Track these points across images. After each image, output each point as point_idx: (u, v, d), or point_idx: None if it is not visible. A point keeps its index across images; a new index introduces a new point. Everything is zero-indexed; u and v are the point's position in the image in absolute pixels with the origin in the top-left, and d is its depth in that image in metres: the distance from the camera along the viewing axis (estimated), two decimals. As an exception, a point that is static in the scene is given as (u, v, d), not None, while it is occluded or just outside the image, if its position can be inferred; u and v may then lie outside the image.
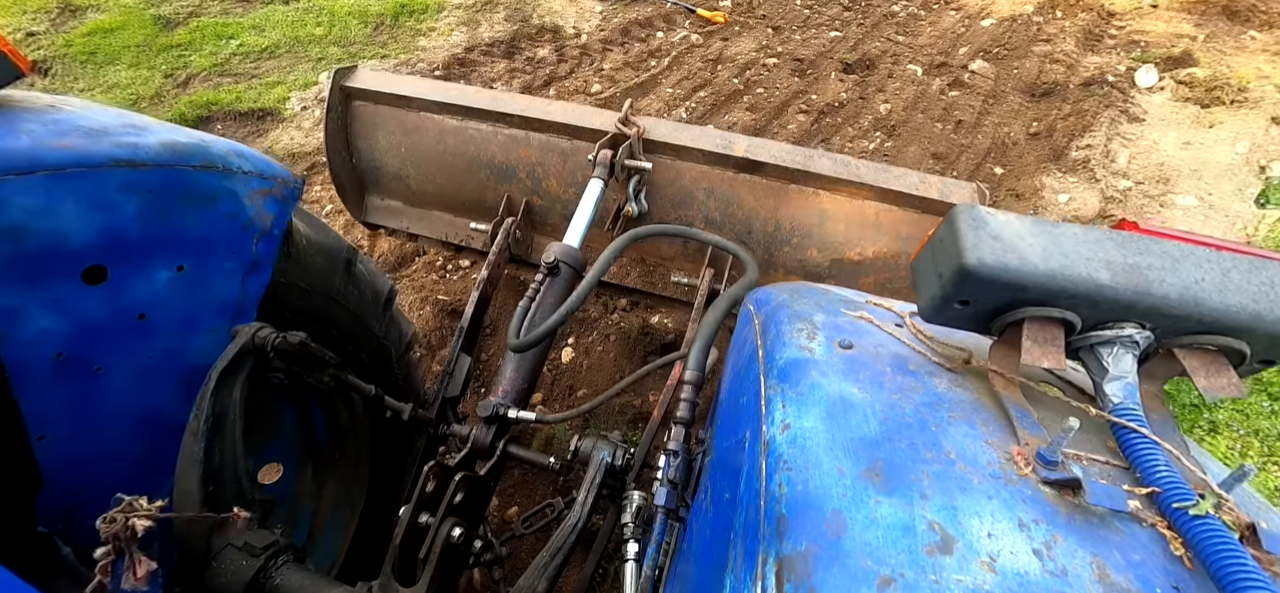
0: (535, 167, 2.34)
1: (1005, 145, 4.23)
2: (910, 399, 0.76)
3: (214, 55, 5.02)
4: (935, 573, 0.56)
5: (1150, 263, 0.71)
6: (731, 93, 4.64)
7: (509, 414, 1.64)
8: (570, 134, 2.25)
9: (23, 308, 1.02)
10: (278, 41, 5.22)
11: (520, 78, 4.73)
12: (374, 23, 5.49)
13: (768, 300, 1.04)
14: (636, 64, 4.97)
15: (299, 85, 4.71)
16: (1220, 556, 0.55)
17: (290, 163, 4.05)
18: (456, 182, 2.46)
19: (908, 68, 4.93)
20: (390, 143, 2.46)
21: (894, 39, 5.36)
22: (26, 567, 1.04)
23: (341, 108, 2.43)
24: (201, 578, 1.18)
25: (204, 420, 1.21)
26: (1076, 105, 4.45)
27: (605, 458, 1.41)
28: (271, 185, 1.31)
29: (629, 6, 5.76)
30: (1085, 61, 5.03)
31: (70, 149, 1.03)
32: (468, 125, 2.36)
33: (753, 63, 5.01)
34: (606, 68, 4.88)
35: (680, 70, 4.89)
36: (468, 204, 2.50)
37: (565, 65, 4.92)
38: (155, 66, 4.91)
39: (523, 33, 5.36)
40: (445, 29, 5.42)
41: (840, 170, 2.03)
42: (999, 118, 4.42)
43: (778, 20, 5.62)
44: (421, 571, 1.29)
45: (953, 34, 5.48)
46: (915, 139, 4.22)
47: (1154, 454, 0.67)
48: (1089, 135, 4.18)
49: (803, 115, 4.41)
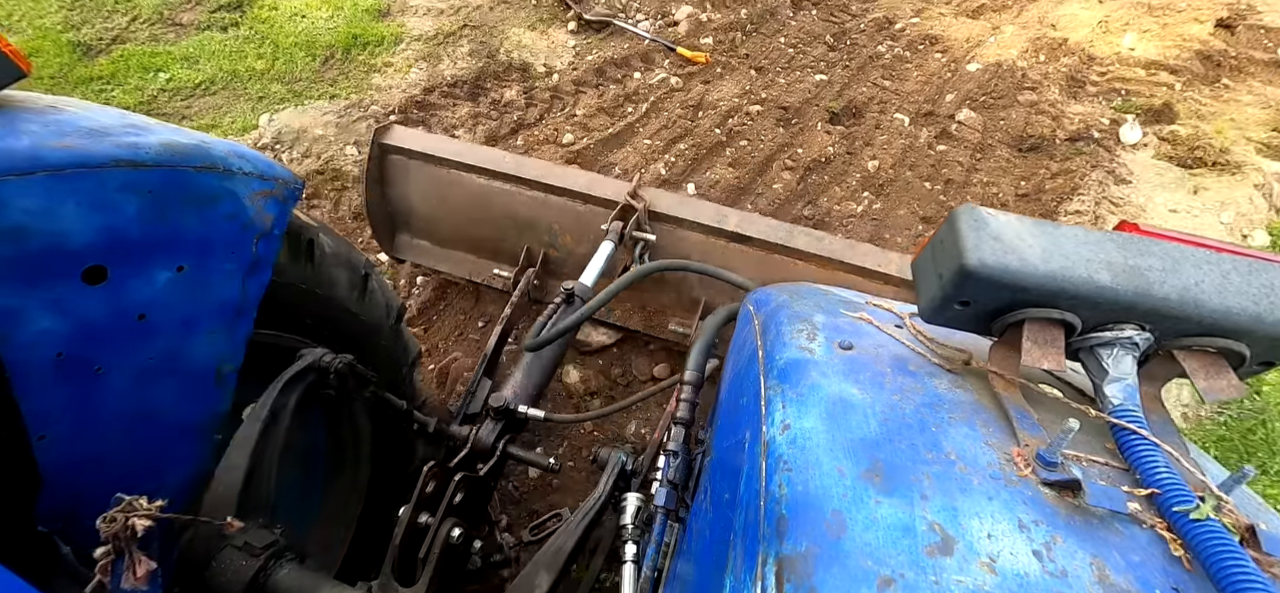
0: (553, 223, 2.66)
1: (995, 206, 4.14)
2: (910, 400, 0.76)
3: (139, 90, 4.33)
4: (935, 574, 0.56)
5: (1150, 265, 0.71)
6: (713, 145, 4.29)
7: (517, 409, 1.69)
8: (584, 200, 2.56)
9: (23, 308, 1.02)
10: (213, 76, 4.55)
11: (484, 124, 4.22)
12: (323, 56, 4.82)
13: (768, 301, 1.04)
14: (612, 110, 4.50)
15: (236, 129, 4.07)
16: (1220, 557, 0.56)
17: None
18: (481, 230, 2.79)
19: (895, 117, 4.82)
20: (421, 192, 2.78)
21: (880, 84, 5.23)
22: (26, 567, 1.04)
23: (379, 159, 2.74)
24: (201, 578, 1.18)
25: (259, 430, 1.28)
26: (1064, 164, 4.39)
27: (622, 459, 1.46)
28: (272, 186, 1.32)
29: (605, 41, 5.29)
30: (1070, 110, 5.00)
31: (70, 149, 1.03)
32: (493, 184, 2.66)
33: (735, 109, 4.68)
34: (579, 113, 4.42)
35: (659, 118, 4.48)
36: (491, 249, 2.82)
37: (534, 110, 4.45)
38: (70, 102, 4.44)
39: (489, 70, 4.80)
40: (402, 64, 4.82)
41: (814, 245, 2.38)
42: (987, 175, 4.34)
43: (761, 61, 5.34)
44: (421, 571, 1.29)
45: (939, 79, 5.38)
46: (903, 200, 4.04)
47: (1154, 456, 0.67)
48: (1078, 198, 4.08)
49: (788, 173, 4.12)
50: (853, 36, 5.93)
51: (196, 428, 1.32)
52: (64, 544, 1.12)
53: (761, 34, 5.76)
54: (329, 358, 1.44)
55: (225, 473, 1.26)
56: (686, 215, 2.49)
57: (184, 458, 1.32)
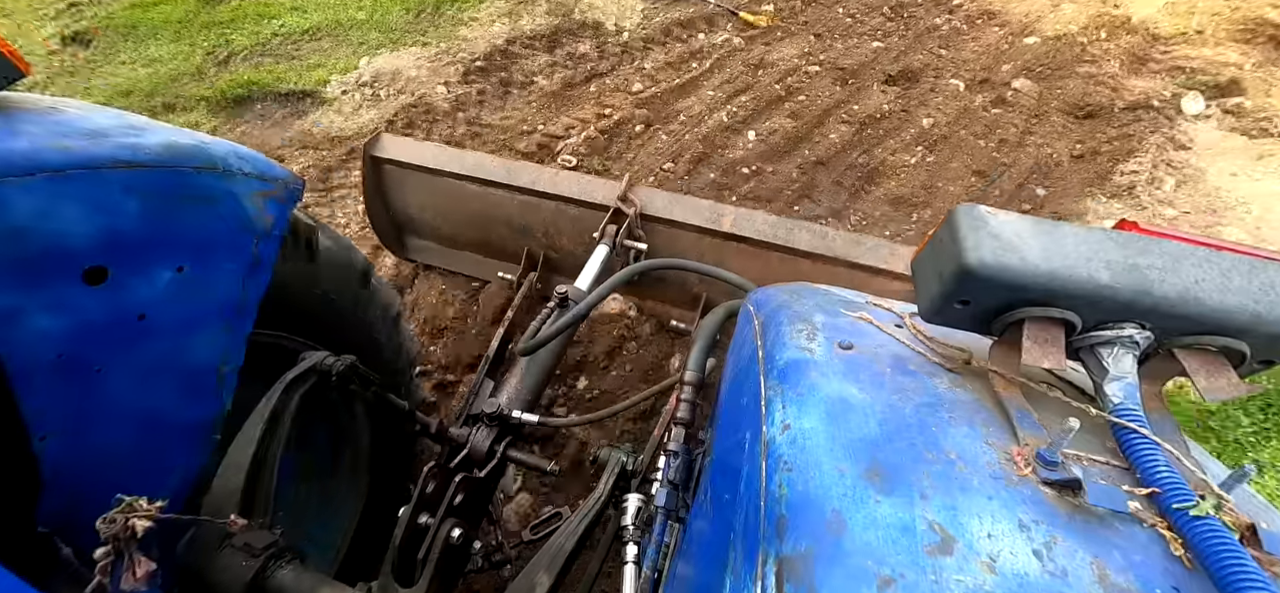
0: (548, 227, 2.66)
1: (1048, 166, 4.17)
2: (910, 400, 0.76)
3: (255, 34, 5.06)
4: (935, 573, 0.56)
5: (1150, 263, 0.71)
6: (773, 98, 4.58)
7: (511, 415, 1.68)
8: (576, 204, 2.54)
9: (23, 309, 1.02)
10: (319, 24, 5.23)
11: (561, 72, 4.78)
12: (416, 9, 5.43)
13: (768, 301, 1.04)
14: (677, 65, 4.93)
15: (339, 69, 4.72)
16: (1220, 556, 0.55)
17: (330, 145, 4.14)
18: (482, 233, 2.82)
19: (950, 82, 4.90)
20: (419, 201, 2.81)
21: (937, 52, 5.31)
22: (26, 567, 1.04)
23: (374, 171, 2.74)
24: (201, 578, 1.18)
25: (262, 429, 1.29)
26: (1122, 129, 4.40)
27: (622, 459, 1.45)
28: (272, 187, 1.32)
29: (671, 5, 5.70)
30: (1130, 85, 4.95)
31: (71, 151, 1.03)
32: (486, 190, 2.65)
33: (795, 69, 4.96)
34: (647, 67, 4.88)
35: (722, 73, 4.85)
36: (493, 250, 2.86)
37: (606, 62, 4.94)
38: (196, 43, 4.96)
39: (564, 27, 5.31)
40: (486, 19, 5.39)
41: (816, 244, 2.26)
42: (1042, 137, 4.37)
43: (820, 28, 5.56)
44: (421, 571, 1.29)
45: (996, 50, 5.40)
46: (957, 154, 4.18)
47: (1154, 455, 0.67)
48: (1135, 160, 4.12)
49: (844, 126, 4.34)
50: (910, 9, 5.97)
51: (196, 428, 1.32)
52: (64, 545, 1.12)
53: (820, 3, 5.90)
54: (330, 359, 1.44)
55: (226, 474, 1.26)
56: (680, 217, 2.44)
57: (184, 458, 1.32)
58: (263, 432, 1.29)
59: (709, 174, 3.97)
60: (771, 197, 3.84)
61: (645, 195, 2.49)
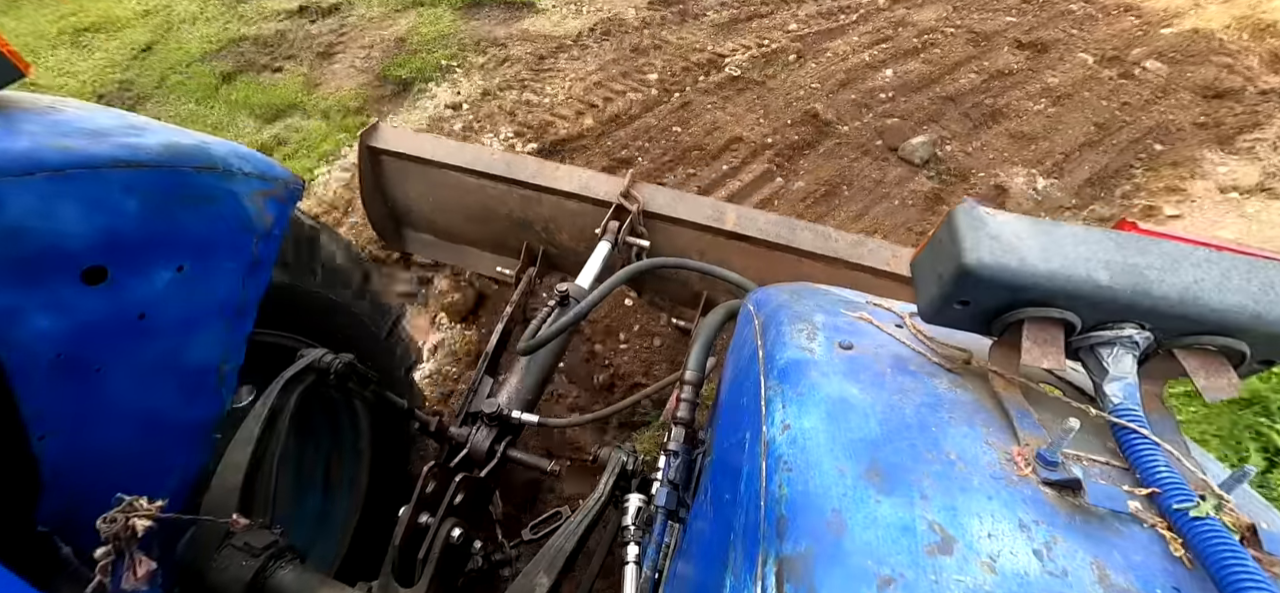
0: (548, 222, 2.62)
1: (1170, 129, 4.29)
2: (910, 400, 0.76)
3: None
4: (935, 573, 0.56)
5: (1150, 263, 0.71)
6: (909, 50, 5.16)
7: (511, 415, 1.67)
8: (578, 199, 2.48)
9: (23, 308, 1.02)
10: None
11: (729, 10, 5.63)
12: None
13: (768, 301, 1.04)
14: (827, 15, 5.64)
15: None
16: (1220, 556, 0.55)
17: (542, 41, 5.06)
18: (481, 228, 2.78)
19: (1080, 56, 5.12)
20: (418, 193, 2.77)
21: (1068, 31, 5.54)
22: (26, 567, 1.04)
23: (371, 163, 2.71)
24: (201, 578, 1.18)
25: (259, 428, 1.29)
26: (1251, 107, 4.46)
27: (623, 458, 1.44)
28: (272, 186, 1.32)
29: None
30: (1266, 79, 4.96)
31: (70, 150, 1.03)
32: (485, 183, 2.60)
33: (932, 29, 5.45)
34: (801, 14, 5.63)
35: (866, 26, 5.48)
36: (493, 244, 2.82)
37: (768, 6, 5.66)
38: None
39: None
40: None
41: (819, 244, 2.23)
42: (1166, 108, 4.50)
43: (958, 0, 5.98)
44: (421, 571, 1.29)
45: (1129, 35, 5.50)
46: (1078, 110, 4.43)
47: (1154, 455, 0.67)
48: (1259, 131, 4.21)
49: (974, 75, 4.82)
50: (1045, -8, 6.25)
51: (196, 428, 1.32)
52: (64, 544, 1.12)
53: (958, -23, 6.35)
54: (329, 358, 1.43)
55: (225, 473, 1.26)
56: (683, 214, 2.40)
57: (184, 457, 1.32)
58: (261, 431, 1.29)
59: (850, 96, 4.61)
60: (905, 115, 4.43)
61: (648, 192, 2.45)
